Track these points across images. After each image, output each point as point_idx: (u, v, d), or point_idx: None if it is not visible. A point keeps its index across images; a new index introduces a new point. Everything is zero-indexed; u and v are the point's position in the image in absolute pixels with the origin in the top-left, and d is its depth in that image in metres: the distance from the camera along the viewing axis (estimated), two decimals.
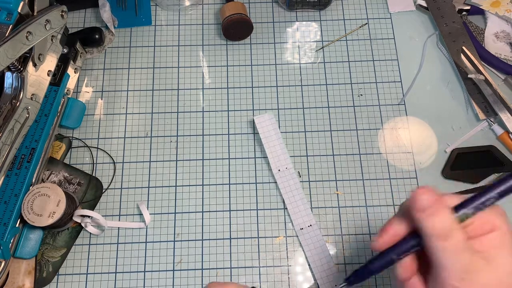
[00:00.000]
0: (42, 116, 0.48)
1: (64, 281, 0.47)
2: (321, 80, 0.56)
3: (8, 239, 0.43)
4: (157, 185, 0.51)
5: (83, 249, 0.48)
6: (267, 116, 0.52)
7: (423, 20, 0.60)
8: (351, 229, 0.49)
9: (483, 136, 0.53)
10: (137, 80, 0.56)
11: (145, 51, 0.57)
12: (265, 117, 0.52)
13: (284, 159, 0.51)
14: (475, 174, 0.51)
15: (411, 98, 0.55)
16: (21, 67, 0.44)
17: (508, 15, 0.58)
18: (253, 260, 0.48)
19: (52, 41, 0.48)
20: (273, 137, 0.51)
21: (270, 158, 0.51)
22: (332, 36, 0.58)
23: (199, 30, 0.59)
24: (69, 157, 0.52)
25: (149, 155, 0.52)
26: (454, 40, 0.56)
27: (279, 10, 0.60)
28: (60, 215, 0.44)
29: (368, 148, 0.53)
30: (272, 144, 0.51)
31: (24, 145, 0.47)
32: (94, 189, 0.50)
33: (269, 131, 0.52)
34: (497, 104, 0.52)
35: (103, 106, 0.55)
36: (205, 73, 0.57)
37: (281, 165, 0.51)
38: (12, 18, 0.41)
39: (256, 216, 0.50)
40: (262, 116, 0.52)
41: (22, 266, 0.46)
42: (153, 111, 0.55)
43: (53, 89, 0.49)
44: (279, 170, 0.50)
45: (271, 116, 0.52)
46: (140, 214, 0.50)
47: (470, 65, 0.55)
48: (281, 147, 0.51)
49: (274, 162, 0.51)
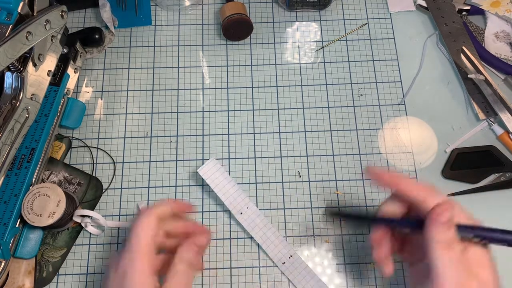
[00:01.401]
0: (42, 116, 0.48)
1: (64, 281, 0.47)
2: (321, 80, 0.56)
3: (8, 239, 0.43)
4: (157, 185, 0.51)
5: (83, 249, 0.48)
6: (210, 163, 0.49)
7: (423, 20, 0.60)
8: (351, 229, 0.49)
9: (483, 136, 0.53)
10: (137, 80, 0.56)
11: (145, 51, 0.57)
12: (208, 165, 0.48)
13: (242, 200, 0.49)
14: (475, 174, 0.51)
15: (411, 98, 0.55)
16: (21, 67, 0.44)
17: (508, 15, 0.58)
18: (253, 260, 0.48)
19: (52, 41, 0.48)
20: (223, 183, 0.48)
21: (228, 204, 0.48)
22: (332, 36, 0.58)
23: (199, 30, 0.59)
24: (69, 157, 0.52)
25: (149, 155, 0.52)
26: (454, 40, 0.56)
27: (279, 10, 0.60)
28: (60, 215, 0.44)
29: (368, 148, 0.53)
30: (225, 190, 0.48)
31: (24, 145, 0.47)
32: (94, 189, 0.50)
33: (217, 178, 0.48)
34: (497, 104, 0.52)
35: (103, 106, 0.55)
36: (205, 73, 0.57)
37: (241, 207, 0.49)
38: (12, 18, 0.41)
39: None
40: (205, 166, 0.48)
41: (22, 266, 0.46)
42: (153, 111, 0.55)
43: (53, 89, 0.49)
44: (241, 213, 0.48)
45: (213, 162, 0.49)
46: None
47: (470, 65, 0.55)
48: (235, 189, 0.49)
49: (233, 207, 0.48)
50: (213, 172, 0.49)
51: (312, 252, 0.48)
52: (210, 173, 0.48)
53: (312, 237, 0.49)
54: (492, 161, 0.51)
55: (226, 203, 0.48)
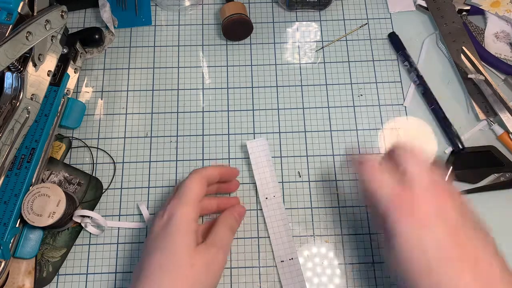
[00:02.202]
0: (42, 116, 0.48)
1: (64, 281, 0.47)
2: (321, 80, 0.56)
3: (8, 239, 0.43)
4: (157, 185, 0.51)
5: (83, 249, 0.48)
6: (260, 141, 0.50)
7: (423, 20, 0.60)
8: (351, 229, 0.49)
9: (483, 136, 0.53)
10: (137, 80, 0.56)
11: (145, 51, 0.57)
12: (258, 142, 0.50)
13: (273, 187, 0.49)
14: (475, 174, 0.51)
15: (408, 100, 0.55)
16: (21, 67, 0.44)
17: (508, 15, 0.58)
18: (253, 260, 0.48)
19: (52, 41, 0.48)
20: (264, 163, 0.50)
21: (259, 185, 0.49)
22: (332, 36, 0.58)
23: (199, 30, 0.59)
24: (69, 157, 0.52)
25: (149, 155, 0.52)
26: (454, 40, 0.56)
27: (279, 10, 0.60)
28: (60, 215, 0.44)
29: (368, 148, 0.53)
30: (262, 171, 0.50)
31: (24, 145, 0.47)
32: (94, 189, 0.50)
33: (260, 157, 0.50)
34: (497, 104, 0.52)
35: (103, 106, 0.55)
36: (205, 73, 0.57)
37: (269, 193, 0.49)
38: (12, 18, 0.41)
39: (256, 216, 0.50)
40: (255, 141, 0.50)
41: (22, 266, 0.46)
42: (153, 111, 0.55)
43: (53, 89, 0.49)
44: (266, 198, 0.49)
45: (264, 141, 0.50)
46: (140, 214, 0.50)
47: (470, 65, 0.55)
48: (271, 175, 0.50)
49: (262, 189, 0.49)
50: (260, 150, 0.50)
51: (312, 252, 0.48)
52: (256, 150, 0.50)
53: (312, 237, 0.49)
54: (492, 161, 0.51)
55: (258, 183, 0.49)
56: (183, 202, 0.41)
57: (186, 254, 0.38)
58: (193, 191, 0.42)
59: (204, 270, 0.38)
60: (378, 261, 0.48)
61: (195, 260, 0.38)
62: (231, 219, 0.45)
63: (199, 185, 0.42)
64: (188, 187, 0.42)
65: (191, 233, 0.39)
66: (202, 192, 0.43)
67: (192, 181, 0.42)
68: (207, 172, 0.44)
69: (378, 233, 0.49)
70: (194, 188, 0.42)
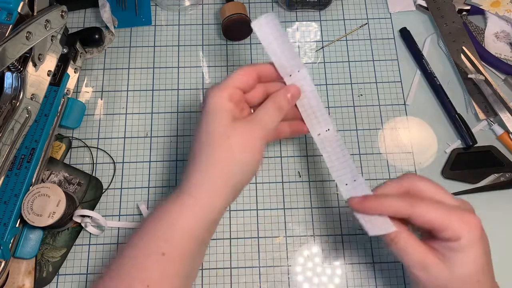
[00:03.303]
0: (42, 116, 0.48)
1: (64, 281, 0.47)
2: (321, 80, 0.56)
3: (8, 239, 0.43)
4: (157, 185, 0.51)
5: (83, 249, 0.48)
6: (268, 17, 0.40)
7: (423, 20, 0.60)
8: (351, 229, 0.49)
9: (483, 136, 0.53)
10: (137, 80, 0.56)
11: (145, 51, 0.57)
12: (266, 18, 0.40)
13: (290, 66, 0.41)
14: (475, 174, 0.51)
15: (411, 98, 0.55)
16: (21, 67, 0.44)
17: (508, 15, 0.58)
18: (253, 260, 0.48)
19: (52, 41, 0.48)
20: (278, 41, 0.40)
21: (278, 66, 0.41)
22: (332, 36, 0.58)
23: (199, 30, 0.59)
24: (69, 157, 0.52)
25: (149, 155, 0.52)
26: (454, 40, 0.56)
27: (279, 10, 0.60)
28: (60, 215, 0.44)
29: (368, 148, 0.53)
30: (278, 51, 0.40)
31: (24, 145, 0.47)
32: (94, 189, 0.50)
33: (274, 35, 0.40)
34: (497, 104, 0.52)
35: (103, 106, 0.55)
36: (205, 73, 0.57)
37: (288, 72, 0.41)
38: (12, 18, 0.41)
39: (256, 216, 0.50)
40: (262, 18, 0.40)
41: (22, 266, 0.46)
42: (153, 111, 0.55)
43: (53, 89, 0.49)
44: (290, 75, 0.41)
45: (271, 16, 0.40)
46: (140, 214, 0.50)
47: (470, 65, 0.55)
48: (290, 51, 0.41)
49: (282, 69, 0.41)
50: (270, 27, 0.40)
51: (312, 252, 0.48)
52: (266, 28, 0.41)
53: (312, 237, 0.49)
54: (492, 161, 0.51)
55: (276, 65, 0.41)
56: (219, 87, 0.39)
57: (221, 129, 0.38)
58: (233, 78, 0.39)
59: (240, 143, 0.38)
60: (378, 261, 0.48)
61: (230, 133, 0.37)
62: (282, 98, 0.40)
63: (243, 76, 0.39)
64: (230, 75, 0.40)
65: (225, 112, 0.38)
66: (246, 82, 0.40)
67: (238, 70, 0.40)
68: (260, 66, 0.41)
69: None
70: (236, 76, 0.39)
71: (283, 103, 0.40)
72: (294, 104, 0.42)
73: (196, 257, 0.38)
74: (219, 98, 0.38)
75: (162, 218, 0.37)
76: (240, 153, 0.37)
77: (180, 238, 0.37)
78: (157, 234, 0.37)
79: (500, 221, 0.49)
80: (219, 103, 0.38)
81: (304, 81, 0.41)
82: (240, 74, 0.40)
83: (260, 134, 0.39)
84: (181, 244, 0.37)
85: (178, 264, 0.37)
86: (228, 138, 0.37)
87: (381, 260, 0.48)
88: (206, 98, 0.39)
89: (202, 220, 0.37)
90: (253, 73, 0.40)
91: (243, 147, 0.38)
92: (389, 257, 0.48)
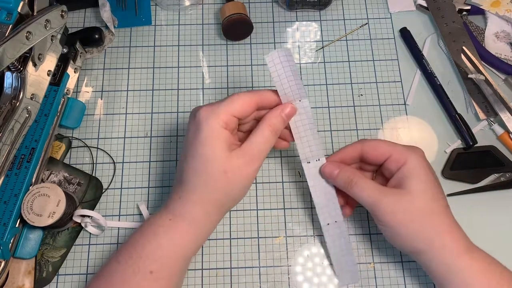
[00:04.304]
0: (42, 116, 0.48)
1: (64, 281, 0.47)
2: (321, 80, 0.56)
3: (8, 239, 0.43)
4: (157, 185, 0.51)
5: (83, 249, 0.48)
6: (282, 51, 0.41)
7: (423, 20, 0.60)
8: (351, 229, 0.49)
9: (483, 136, 0.53)
10: (137, 80, 0.56)
11: (145, 51, 0.57)
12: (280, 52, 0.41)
13: (299, 93, 0.42)
14: (475, 174, 0.51)
15: (411, 98, 0.55)
16: (21, 67, 0.44)
17: (508, 15, 0.58)
18: (253, 260, 0.48)
19: (52, 41, 0.48)
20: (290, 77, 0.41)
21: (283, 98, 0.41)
22: (332, 36, 0.58)
23: (199, 30, 0.59)
24: (69, 157, 0.52)
25: (149, 155, 0.52)
26: (454, 40, 0.56)
27: (279, 10, 0.60)
28: (60, 215, 0.44)
29: None
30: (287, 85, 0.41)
31: (24, 145, 0.47)
32: (94, 189, 0.50)
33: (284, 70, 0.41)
34: (497, 104, 0.52)
35: (103, 106, 0.55)
36: (205, 73, 0.56)
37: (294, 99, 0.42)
38: (12, 18, 0.41)
39: (256, 216, 0.50)
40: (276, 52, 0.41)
41: (22, 266, 0.46)
42: (153, 111, 0.54)
43: (53, 89, 0.49)
44: (300, 100, 0.42)
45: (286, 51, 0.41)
46: (140, 214, 0.50)
47: (470, 65, 0.55)
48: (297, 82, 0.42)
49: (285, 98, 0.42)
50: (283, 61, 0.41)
51: (312, 252, 0.48)
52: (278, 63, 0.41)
53: (312, 237, 0.49)
54: (492, 161, 0.51)
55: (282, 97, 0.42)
56: (215, 111, 0.38)
57: (218, 161, 0.38)
58: (232, 105, 0.38)
59: (237, 176, 0.39)
60: (378, 261, 0.48)
61: (228, 167, 0.38)
62: (277, 119, 0.40)
63: (242, 106, 0.39)
64: (229, 100, 0.39)
65: (221, 142, 0.38)
66: (244, 113, 0.39)
67: (238, 97, 0.39)
68: (261, 95, 0.40)
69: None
70: (235, 104, 0.38)
71: (278, 125, 0.41)
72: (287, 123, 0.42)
73: (183, 272, 0.41)
74: (216, 125, 0.38)
75: (152, 238, 0.39)
76: (237, 184, 0.39)
77: (168, 258, 0.38)
78: (146, 252, 0.38)
79: (500, 221, 0.49)
80: (216, 131, 0.38)
81: (303, 109, 0.43)
82: (239, 103, 0.39)
83: (257, 165, 0.40)
84: (169, 263, 0.38)
85: (166, 281, 0.38)
86: (225, 173, 0.38)
87: (381, 260, 0.48)
88: (200, 119, 0.39)
89: (192, 242, 0.40)
90: (252, 103, 0.40)
91: (240, 180, 0.39)
92: (389, 257, 0.48)
